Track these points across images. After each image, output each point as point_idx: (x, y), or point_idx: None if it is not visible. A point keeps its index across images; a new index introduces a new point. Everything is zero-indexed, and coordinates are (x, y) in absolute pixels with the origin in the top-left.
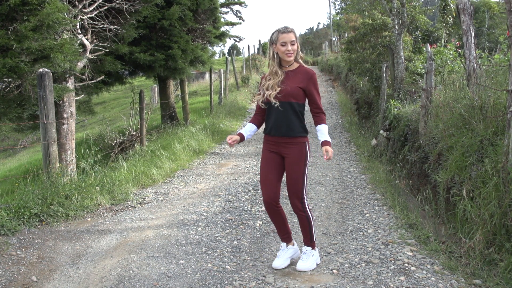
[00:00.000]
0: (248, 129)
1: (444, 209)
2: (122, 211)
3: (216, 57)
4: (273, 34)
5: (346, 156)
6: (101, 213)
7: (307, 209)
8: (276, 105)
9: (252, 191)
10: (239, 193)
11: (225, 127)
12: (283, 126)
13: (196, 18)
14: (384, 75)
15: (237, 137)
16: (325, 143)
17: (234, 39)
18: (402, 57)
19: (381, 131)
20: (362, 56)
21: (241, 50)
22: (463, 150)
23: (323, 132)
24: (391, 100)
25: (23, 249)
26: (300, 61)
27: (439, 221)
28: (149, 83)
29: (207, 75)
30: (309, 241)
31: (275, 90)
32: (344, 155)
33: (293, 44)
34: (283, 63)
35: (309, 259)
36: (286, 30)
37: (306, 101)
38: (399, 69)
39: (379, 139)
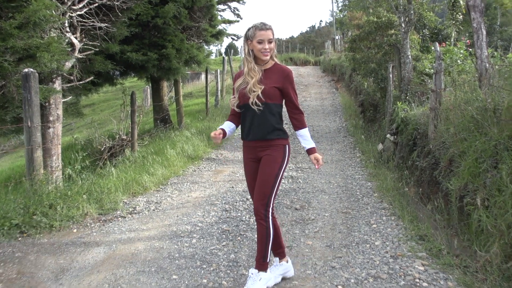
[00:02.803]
0: (227, 126)
1: (457, 219)
2: (111, 222)
3: (213, 56)
4: (249, 29)
5: (351, 162)
6: (88, 224)
7: (270, 219)
8: (258, 107)
9: (250, 200)
10: (236, 202)
11: None
12: (260, 129)
13: (191, 16)
14: (391, 75)
15: (221, 131)
16: (311, 150)
17: (231, 38)
18: (409, 57)
19: (388, 135)
20: (367, 56)
21: (239, 49)
22: (476, 156)
23: (306, 137)
24: (398, 102)
25: (2, 264)
26: (275, 59)
27: (452, 232)
28: (141, 84)
29: (203, 76)
30: (260, 259)
31: (258, 89)
32: (348, 161)
33: (270, 42)
34: (258, 61)
35: (255, 285)
36: (264, 27)
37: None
38: (406, 69)
39: (386, 144)
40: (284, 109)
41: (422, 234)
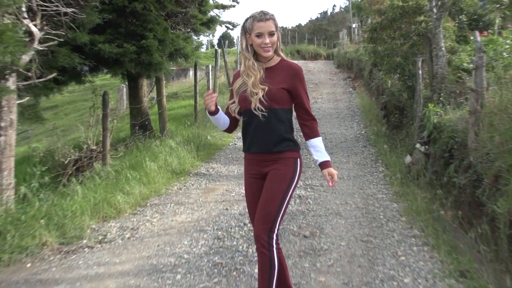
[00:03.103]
0: (222, 113)
1: (507, 250)
2: (75, 253)
3: (203, 49)
4: (246, 20)
5: (372, 179)
6: (46, 257)
7: (275, 248)
8: (262, 113)
9: (249, 225)
10: (231, 228)
11: (214, 140)
12: (266, 140)
13: (177, 0)
14: (420, 71)
15: (216, 96)
16: (325, 164)
17: (226, 26)
18: (443, 49)
19: (418, 145)
20: (391, 48)
21: (235, 41)
22: None
23: (319, 148)
24: (429, 104)
25: None
26: (281, 54)
27: (501, 267)
28: (116, 82)
29: (191, 72)
30: None
31: (260, 90)
32: (369, 177)
33: (272, 35)
34: (259, 58)
35: None
36: (263, 17)
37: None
38: (439, 63)
39: (415, 156)
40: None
41: (463, 269)
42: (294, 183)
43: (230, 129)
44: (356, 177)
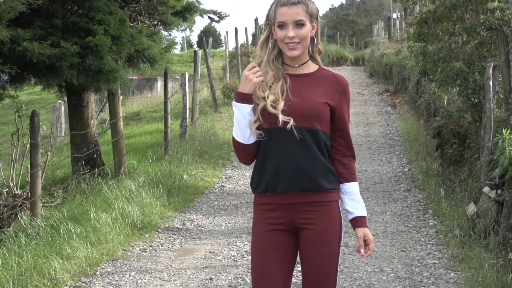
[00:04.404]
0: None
1: None
2: None
3: (177, 50)
4: (271, 6)
5: (420, 236)
6: None
7: None
8: (289, 128)
9: None
10: None
11: (193, 181)
12: (303, 172)
13: None
14: (491, 83)
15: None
16: (362, 221)
17: (209, 17)
18: None
19: (486, 189)
20: (448, 48)
21: (222, 38)
22: None
23: (356, 197)
24: (504, 130)
25: None
26: (319, 59)
27: None
28: (50, 97)
29: (160, 84)
30: None
31: (281, 100)
32: (415, 234)
33: (301, 27)
34: (287, 60)
35: None
36: (289, 0)
37: None
38: None
39: (481, 204)
40: None
41: None
42: (342, 237)
43: (254, 150)
44: (396, 233)
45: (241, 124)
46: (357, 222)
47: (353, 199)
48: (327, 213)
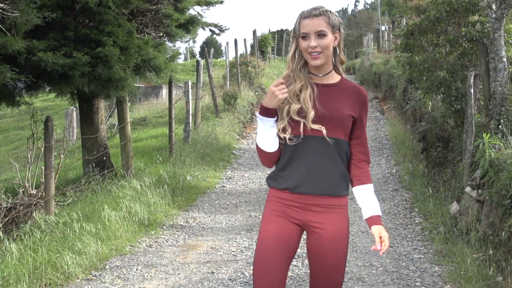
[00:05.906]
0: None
1: None
2: None
3: (181, 60)
4: (296, 20)
5: (406, 233)
6: None
7: None
8: (331, 140)
9: None
10: None
11: (196, 181)
12: (323, 178)
13: None
14: (472, 90)
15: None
16: (378, 220)
17: (211, 30)
18: (504, 59)
19: (468, 189)
20: (433, 58)
21: (223, 49)
22: None
23: (371, 198)
24: (484, 135)
25: None
26: (341, 69)
27: None
28: (63, 104)
29: (165, 91)
30: None
31: (311, 109)
32: (402, 231)
33: (322, 37)
34: (312, 70)
35: None
36: (311, 13)
37: None
38: (499, 80)
39: (464, 203)
40: None
41: None
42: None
43: (276, 156)
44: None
45: (264, 135)
46: (373, 220)
47: (369, 199)
48: (339, 216)
